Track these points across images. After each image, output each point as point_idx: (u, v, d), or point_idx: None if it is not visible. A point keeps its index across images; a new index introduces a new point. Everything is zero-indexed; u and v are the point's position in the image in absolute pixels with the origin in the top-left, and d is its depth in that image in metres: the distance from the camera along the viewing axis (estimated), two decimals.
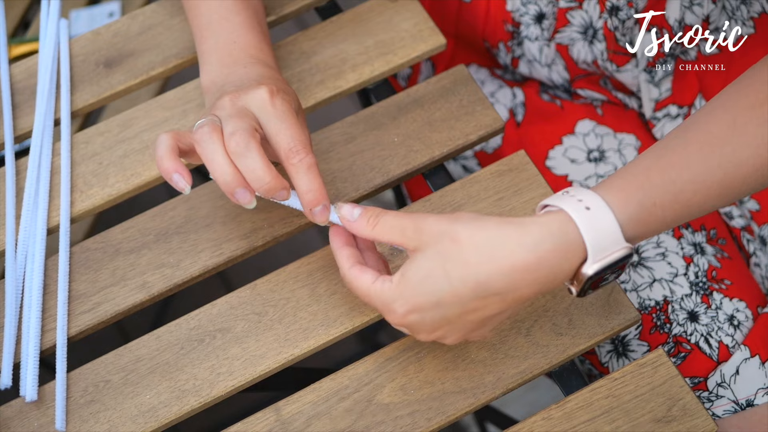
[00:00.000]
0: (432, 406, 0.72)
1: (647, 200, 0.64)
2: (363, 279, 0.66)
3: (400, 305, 0.65)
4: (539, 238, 0.62)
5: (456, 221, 0.63)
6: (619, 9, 0.89)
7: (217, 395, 0.73)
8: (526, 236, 0.62)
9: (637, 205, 0.64)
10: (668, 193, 0.64)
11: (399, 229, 0.65)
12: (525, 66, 0.99)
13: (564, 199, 0.64)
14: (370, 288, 0.66)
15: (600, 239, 0.62)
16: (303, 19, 1.53)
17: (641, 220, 0.64)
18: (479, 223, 0.63)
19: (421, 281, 0.63)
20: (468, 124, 0.82)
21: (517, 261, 0.62)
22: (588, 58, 0.94)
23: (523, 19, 0.94)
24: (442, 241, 0.63)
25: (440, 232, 0.63)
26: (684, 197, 0.64)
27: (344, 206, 0.68)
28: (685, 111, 0.94)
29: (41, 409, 0.73)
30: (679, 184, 0.64)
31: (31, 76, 0.87)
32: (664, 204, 0.64)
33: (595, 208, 0.63)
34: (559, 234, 0.62)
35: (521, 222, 0.63)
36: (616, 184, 0.65)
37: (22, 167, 0.83)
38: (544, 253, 0.62)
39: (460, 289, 0.63)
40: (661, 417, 0.70)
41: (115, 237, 0.80)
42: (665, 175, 0.64)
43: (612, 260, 0.63)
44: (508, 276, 0.62)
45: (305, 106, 0.84)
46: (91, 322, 0.76)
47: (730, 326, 0.85)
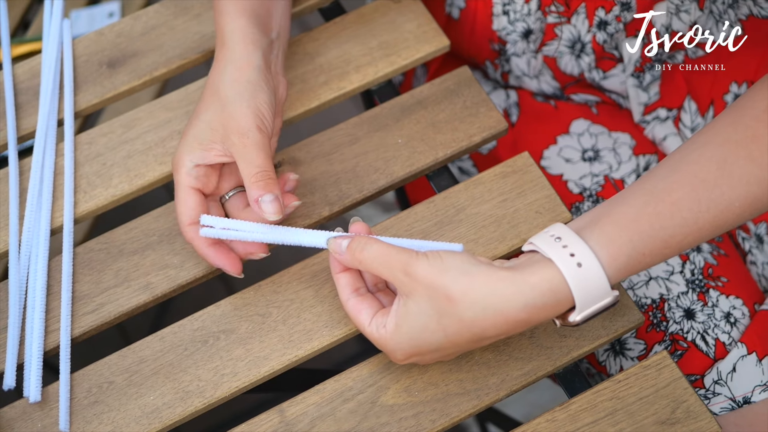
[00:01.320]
0: (436, 407, 0.72)
1: (636, 252, 0.65)
2: (359, 320, 0.69)
3: (400, 354, 0.68)
4: (530, 298, 0.64)
5: (446, 274, 0.65)
6: (608, 23, 0.89)
7: (221, 396, 0.73)
8: (518, 295, 0.64)
9: (627, 257, 0.65)
10: (658, 240, 0.65)
11: (387, 267, 0.67)
12: (514, 80, 0.99)
13: (555, 249, 0.64)
14: (367, 331, 0.69)
15: (589, 293, 0.64)
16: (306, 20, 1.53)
17: (629, 269, 0.65)
18: (470, 279, 0.64)
19: (418, 335, 0.66)
20: (471, 126, 0.82)
21: (509, 316, 0.64)
22: (575, 71, 0.95)
23: (510, 37, 0.94)
24: (435, 298, 0.65)
25: (433, 288, 0.65)
26: (674, 241, 0.65)
27: (333, 242, 0.70)
28: (674, 114, 0.95)
29: (45, 410, 0.73)
30: (669, 230, 0.65)
31: (34, 76, 0.87)
32: (654, 251, 0.65)
33: (587, 265, 0.64)
34: (549, 294, 0.64)
35: (513, 280, 0.64)
36: (607, 235, 0.65)
37: (26, 168, 0.83)
38: (533, 310, 0.64)
39: (457, 339, 0.66)
40: (665, 419, 0.71)
41: (119, 238, 0.79)
42: (655, 224, 0.65)
43: (598, 309, 0.65)
44: (501, 328, 0.65)
45: (309, 107, 0.84)
46: (95, 323, 0.76)
47: (727, 324, 0.85)
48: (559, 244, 0.65)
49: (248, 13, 0.77)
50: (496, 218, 0.78)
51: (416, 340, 0.66)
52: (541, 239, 0.66)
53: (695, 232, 0.65)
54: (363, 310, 0.69)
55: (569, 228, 0.66)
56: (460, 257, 0.66)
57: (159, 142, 0.83)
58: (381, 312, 0.69)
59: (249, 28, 0.76)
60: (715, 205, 0.65)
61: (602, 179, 0.93)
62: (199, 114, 0.75)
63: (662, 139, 0.94)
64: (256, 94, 0.74)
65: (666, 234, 0.65)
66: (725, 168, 0.65)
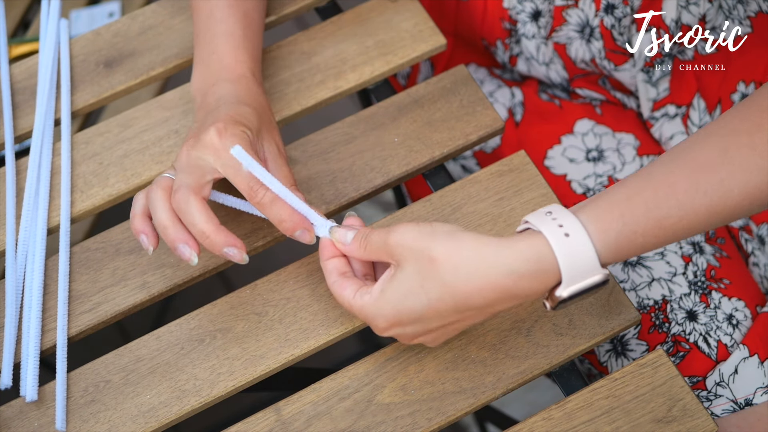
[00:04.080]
0: (432, 406, 0.72)
1: (627, 229, 0.64)
2: (344, 295, 0.69)
3: (382, 320, 0.67)
4: (514, 264, 0.63)
5: (433, 238, 0.65)
6: (615, 7, 0.89)
7: (217, 395, 0.73)
8: (502, 260, 0.63)
9: (617, 233, 0.64)
10: (651, 220, 0.64)
11: (384, 248, 0.67)
12: (523, 64, 0.99)
13: (545, 221, 0.64)
14: (351, 303, 0.68)
15: (576, 266, 0.63)
16: (303, 19, 1.53)
17: (620, 247, 0.64)
18: (456, 243, 0.64)
19: (400, 300, 0.65)
20: (468, 125, 0.82)
21: (493, 283, 0.63)
22: (586, 57, 0.94)
23: (520, 16, 0.94)
24: (421, 260, 0.64)
25: (419, 250, 0.65)
26: (669, 222, 0.64)
27: (338, 230, 0.70)
28: (683, 111, 0.94)
29: (41, 409, 0.73)
30: (664, 209, 0.64)
31: (31, 76, 0.87)
32: (646, 231, 0.64)
33: (574, 235, 0.63)
34: (534, 260, 0.63)
35: (498, 244, 0.63)
36: (598, 209, 0.64)
37: (23, 167, 0.83)
38: (518, 278, 0.63)
39: (439, 306, 0.65)
40: (661, 417, 0.70)
41: (116, 237, 0.80)
42: (648, 201, 0.64)
43: (586, 286, 0.64)
44: (484, 295, 0.64)
45: (305, 106, 0.84)
46: (92, 322, 0.76)
47: (729, 325, 0.85)
48: (549, 217, 0.64)
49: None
50: (492, 217, 0.78)
51: (399, 305, 0.66)
52: (534, 215, 0.65)
53: (691, 215, 0.64)
54: (348, 286, 0.69)
55: (563, 206, 0.65)
56: (449, 225, 0.66)
57: (156, 142, 0.83)
58: (366, 285, 0.69)
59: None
60: (714, 191, 0.63)
61: (606, 179, 0.93)
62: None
63: (669, 138, 0.94)
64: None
65: (660, 214, 0.64)
66: (726, 155, 0.64)
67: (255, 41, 0.80)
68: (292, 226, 0.70)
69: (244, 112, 0.73)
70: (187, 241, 0.69)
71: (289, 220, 0.70)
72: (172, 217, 0.70)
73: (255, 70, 0.79)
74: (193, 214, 0.68)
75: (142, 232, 0.72)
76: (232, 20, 0.79)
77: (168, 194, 0.70)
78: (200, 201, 0.69)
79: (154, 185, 0.71)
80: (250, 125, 0.72)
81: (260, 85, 0.79)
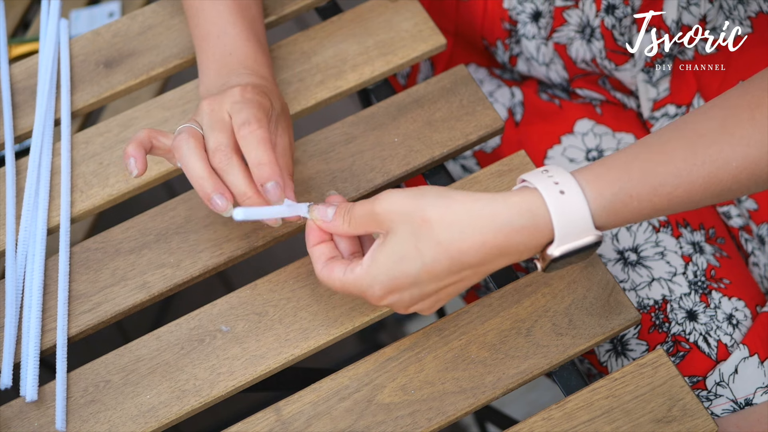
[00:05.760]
0: (432, 406, 0.72)
1: (623, 193, 0.63)
2: (334, 276, 0.67)
3: (378, 288, 0.65)
4: (507, 218, 0.62)
5: (422, 198, 0.64)
6: (616, 7, 0.89)
7: (217, 395, 0.73)
8: (495, 215, 0.62)
9: (612, 195, 0.63)
10: (647, 185, 0.63)
11: (371, 217, 0.66)
12: (523, 64, 0.99)
13: (541, 179, 0.64)
14: (343, 280, 0.67)
15: (569, 224, 0.63)
16: (303, 19, 1.53)
17: (615, 210, 0.64)
18: (448, 200, 0.63)
19: (395, 264, 0.64)
20: (468, 124, 0.82)
21: (486, 238, 0.63)
22: (587, 57, 0.94)
23: (520, 17, 0.94)
24: (412, 221, 0.63)
25: (409, 212, 0.64)
26: (664, 190, 0.64)
27: (316, 208, 0.69)
28: (683, 110, 0.94)
29: (41, 409, 0.73)
30: (660, 176, 0.63)
31: (31, 76, 0.87)
32: (642, 196, 0.64)
33: (570, 193, 0.63)
34: (528, 215, 0.62)
35: (491, 199, 0.63)
36: (594, 171, 0.64)
37: (23, 167, 0.83)
38: (511, 232, 0.62)
39: (435, 267, 0.64)
40: (661, 417, 0.70)
41: (116, 237, 0.80)
42: (645, 167, 0.64)
43: (579, 246, 0.64)
44: (479, 251, 0.63)
45: (305, 106, 0.84)
46: (92, 322, 0.76)
47: (729, 325, 0.85)
48: (545, 175, 0.64)
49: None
50: None
51: (394, 270, 0.64)
52: (530, 174, 0.65)
53: (687, 185, 0.64)
54: (336, 268, 0.68)
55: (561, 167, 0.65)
56: (437, 186, 0.65)
57: None
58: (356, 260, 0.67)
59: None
60: (711, 161, 0.63)
61: None
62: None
63: None
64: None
65: (656, 181, 0.64)
66: (726, 127, 0.64)
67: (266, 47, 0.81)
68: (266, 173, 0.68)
69: (268, 91, 0.74)
70: (224, 192, 0.69)
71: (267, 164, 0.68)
72: (208, 168, 0.69)
73: (271, 68, 0.79)
74: (237, 175, 0.68)
75: (131, 155, 0.70)
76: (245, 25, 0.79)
77: (201, 144, 0.69)
78: (241, 162, 0.69)
79: (182, 134, 0.70)
80: (271, 101, 0.73)
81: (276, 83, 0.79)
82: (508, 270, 0.78)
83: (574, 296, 0.75)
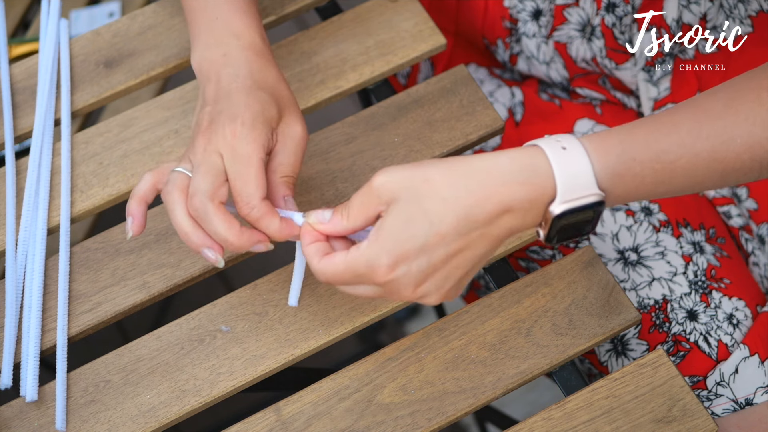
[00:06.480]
0: (432, 406, 0.72)
1: (626, 156, 0.63)
2: (336, 260, 0.65)
3: (385, 260, 0.62)
4: (509, 171, 0.62)
5: (421, 164, 0.63)
6: (616, 6, 0.89)
7: (217, 395, 0.73)
8: (497, 168, 0.62)
9: (616, 156, 0.63)
10: (651, 151, 0.63)
11: (369, 197, 0.64)
12: (524, 63, 0.99)
13: (544, 140, 0.64)
14: (348, 260, 0.64)
15: (571, 180, 0.62)
16: (303, 19, 1.53)
17: (618, 172, 0.63)
18: (448, 163, 0.63)
19: (402, 228, 0.62)
20: (468, 124, 0.82)
21: (490, 192, 0.62)
22: (587, 56, 0.94)
23: (520, 15, 0.94)
24: (413, 185, 0.62)
25: (410, 177, 0.62)
26: (668, 158, 0.63)
27: (312, 214, 0.67)
28: None
29: (41, 409, 0.73)
30: (664, 144, 0.63)
31: (31, 76, 0.87)
32: (644, 162, 0.63)
33: (571, 148, 0.62)
34: (530, 168, 0.62)
35: (493, 155, 0.63)
36: (599, 135, 0.64)
37: (23, 167, 0.83)
38: (514, 185, 0.62)
39: (443, 228, 0.62)
40: (661, 417, 0.70)
41: (116, 237, 0.80)
42: (649, 134, 0.64)
43: (581, 204, 0.62)
44: (484, 207, 0.62)
45: (305, 106, 0.84)
46: (92, 322, 0.76)
47: (729, 325, 0.85)
48: (549, 137, 0.64)
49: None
50: None
51: (401, 234, 0.62)
52: (536, 140, 0.64)
53: (691, 156, 0.63)
54: (336, 255, 0.65)
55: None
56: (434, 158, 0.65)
57: (156, 142, 0.83)
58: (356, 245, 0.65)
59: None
60: (716, 135, 0.63)
61: None
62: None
63: None
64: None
65: (659, 147, 0.63)
66: (732, 105, 0.64)
67: (257, 7, 0.78)
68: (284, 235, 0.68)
69: (262, 100, 0.70)
70: (212, 245, 0.67)
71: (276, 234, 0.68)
72: (192, 223, 0.67)
73: (264, 35, 0.76)
74: (213, 222, 0.66)
75: (131, 214, 0.70)
76: None
77: (185, 196, 0.68)
78: (218, 207, 0.67)
79: (169, 185, 0.69)
80: (269, 118, 0.70)
81: (272, 53, 0.75)
82: (508, 270, 0.79)
83: (574, 296, 0.75)
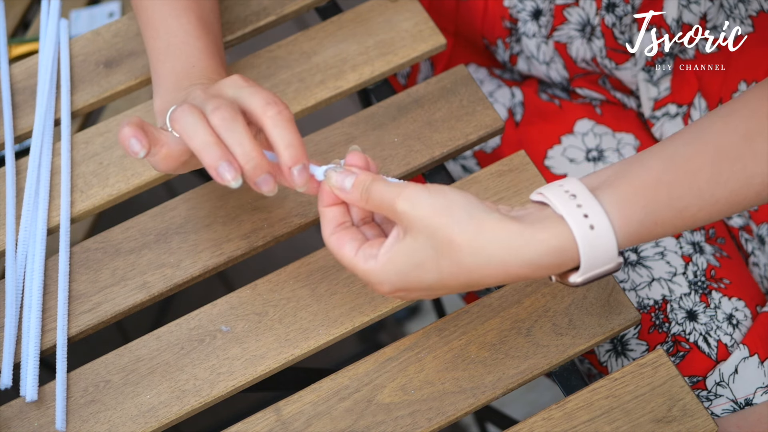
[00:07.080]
0: (432, 406, 0.72)
1: (648, 220, 0.62)
2: (344, 252, 0.65)
3: (387, 286, 0.64)
4: (536, 255, 0.61)
5: (450, 216, 0.62)
6: (616, 5, 0.89)
7: (217, 395, 0.73)
8: (524, 250, 0.61)
9: (639, 224, 0.62)
10: (672, 210, 0.62)
11: (390, 210, 0.64)
12: (524, 63, 0.99)
13: (568, 206, 0.61)
14: (354, 263, 0.65)
15: (596, 257, 0.61)
16: (303, 19, 1.53)
17: (639, 236, 0.63)
18: (477, 226, 0.61)
19: (411, 270, 0.63)
20: (468, 124, 0.82)
21: (511, 270, 0.61)
22: (587, 56, 0.95)
23: (520, 15, 0.94)
24: (438, 238, 0.62)
25: (436, 228, 0.62)
26: (688, 213, 0.62)
27: (335, 175, 0.66)
28: (684, 110, 0.94)
29: (41, 409, 0.73)
30: (685, 200, 0.62)
31: (31, 76, 0.87)
32: (666, 221, 0.62)
33: (599, 228, 0.61)
34: (557, 253, 0.61)
35: (521, 232, 0.61)
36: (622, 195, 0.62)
37: (23, 167, 0.83)
38: (538, 268, 0.61)
39: (450, 281, 0.63)
40: (661, 417, 0.70)
41: (116, 237, 0.80)
42: (672, 192, 0.62)
43: (601, 273, 0.63)
44: (499, 278, 0.62)
45: (305, 106, 0.84)
46: (92, 322, 0.76)
47: (729, 325, 0.85)
48: (573, 202, 0.61)
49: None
50: None
51: (408, 275, 0.63)
52: (553, 193, 0.63)
53: (710, 206, 0.62)
54: (347, 243, 0.65)
55: (584, 185, 0.63)
56: (463, 196, 0.63)
57: None
58: (368, 244, 0.65)
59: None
60: (735, 179, 0.62)
61: None
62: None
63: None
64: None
65: (681, 204, 0.62)
66: (749, 141, 0.62)
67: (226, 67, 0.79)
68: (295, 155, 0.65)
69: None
70: (232, 160, 0.65)
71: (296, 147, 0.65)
72: (214, 135, 0.65)
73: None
74: (241, 132, 0.64)
75: (132, 136, 0.65)
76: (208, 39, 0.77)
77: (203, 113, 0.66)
78: (245, 121, 0.65)
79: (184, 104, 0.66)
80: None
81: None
82: None
83: (574, 296, 0.75)
